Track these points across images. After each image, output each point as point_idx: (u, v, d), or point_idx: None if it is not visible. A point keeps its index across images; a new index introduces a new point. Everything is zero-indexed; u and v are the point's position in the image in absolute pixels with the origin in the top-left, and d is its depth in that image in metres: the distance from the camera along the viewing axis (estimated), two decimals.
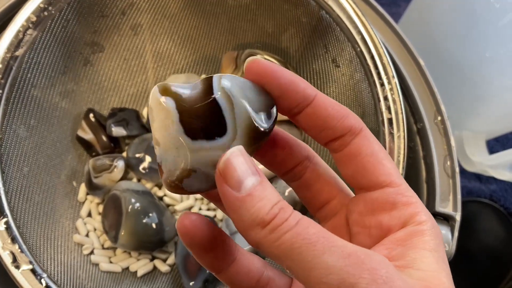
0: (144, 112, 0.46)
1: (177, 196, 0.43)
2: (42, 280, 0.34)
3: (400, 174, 0.19)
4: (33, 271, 0.34)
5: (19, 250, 0.35)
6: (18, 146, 0.38)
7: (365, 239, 0.19)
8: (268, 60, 0.43)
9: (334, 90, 0.43)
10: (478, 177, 0.59)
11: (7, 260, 0.35)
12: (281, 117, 0.19)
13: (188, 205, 0.43)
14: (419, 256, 0.17)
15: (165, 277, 0.42)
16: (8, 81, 0.37)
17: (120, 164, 0.41)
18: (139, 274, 0.41)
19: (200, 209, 0.43)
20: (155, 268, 0.42)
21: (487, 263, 0.56)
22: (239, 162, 0.16)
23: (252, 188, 0.16)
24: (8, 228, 0.35)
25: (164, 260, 0.42)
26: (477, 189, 0.58)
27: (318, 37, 0.41)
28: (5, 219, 0.35)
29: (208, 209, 0.44)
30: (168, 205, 0.43)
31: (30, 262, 0.35)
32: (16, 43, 0.37)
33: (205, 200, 0.44)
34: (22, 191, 0.38)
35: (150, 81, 0.47)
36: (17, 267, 0.34)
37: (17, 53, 0.37)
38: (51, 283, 0.35)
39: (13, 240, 0.35)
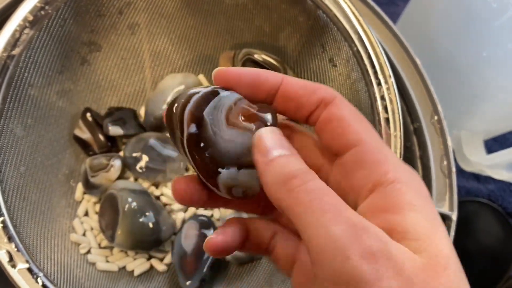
0: (141, 111, 0.46)
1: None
2: (39, 279, 0.34)
3: (375, 134, 0.19)
4: (29, 270, 0.34)
5: (16, 249, 0.35)
6: (15, 145, 0.38)
7: None
8: (266, 59, 0.43)
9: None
10: (476, 177, 0.59)
11: (4, 259, 0.35)
12: None
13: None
14: (409, 222, 0.16)
15: (161, 277, 0.42)
16: (5, 80, 0.37)
17: (117, 163, 0.41)
18: (136, 273, 0.41)
19: (197, 208, 0.43)
20: (151, 267, 0.42)
21: (485, 262, 0.56)
22: (268, 137, 0.18)
23: (278, 156, 0.18)
24: (4, 227, 0.35)
25: (161, 260, 0.42)
26: (475, 189, 0.58)
27: (315, 36, 0.41)
28: (1, 218, 0.35)
29: (205, 209, 0.44)
30: (165, 205, 0.43)
31: (27, 261, 0.35)
32: (13, 42, 0.37)
33: None
34: (19, 190, 0.38)
35: (147, 81, 0.47)
36: (14, 266, 0.34)
37: (13, 52, 0.37)
38: (47, 282, 0.35)
39: (10, 239, 0.35)
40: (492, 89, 0.44)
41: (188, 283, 0.39)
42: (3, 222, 0.35)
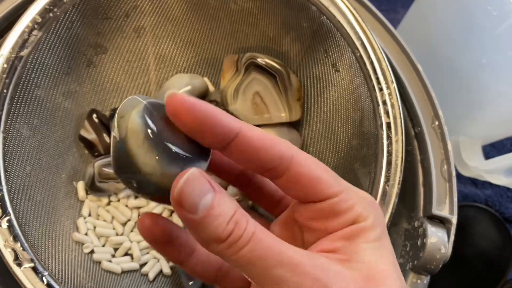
0: None
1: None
2: (44, 278, 0.35)
3: (339, 178, 0.19)
4: (34, 269, 0.35)
5: (21, 248, 0.35)
6: (21, 145, 0.39)
7: (312, 237, 0.20)
8: (269, 63, 0.43)
9: (334, 94, 0.43)
10: (474, 182, 0.60)
11: (9, 258, 0.35)
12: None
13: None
14: (361, 249, 0.18)
15: (164, 277, 0.42)
16: (13, 81, 0.37)
17: None
18: (151, 277, 0.42)
19: None
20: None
21: (482, 267, 0.56)
22: (191, 187, 0.17)
23: (207, 208, 0.16)
24: (10, 226, 0.35)
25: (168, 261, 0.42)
26: (472, 194, 0.59)
27: (319, 42, 0.42)
28: (7, 217, 0.35)
29: None
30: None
31: (32, 260, 0.35)
32: (21, 43, 0.37)
33: None
34: (24, 190, 0.38)
35: (152, 83, 0.48)
36: (19, 265, 0.35)
37: (22, 53, 0.37)
38: (52, 281, 0.35)
39: (15, 238, 0.35)
40: (491, 96, 0.44)
41: (191, 283, 0.39)
42: (9, 221, 0.36)
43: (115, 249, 0.42)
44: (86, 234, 0.42)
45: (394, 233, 0.41)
